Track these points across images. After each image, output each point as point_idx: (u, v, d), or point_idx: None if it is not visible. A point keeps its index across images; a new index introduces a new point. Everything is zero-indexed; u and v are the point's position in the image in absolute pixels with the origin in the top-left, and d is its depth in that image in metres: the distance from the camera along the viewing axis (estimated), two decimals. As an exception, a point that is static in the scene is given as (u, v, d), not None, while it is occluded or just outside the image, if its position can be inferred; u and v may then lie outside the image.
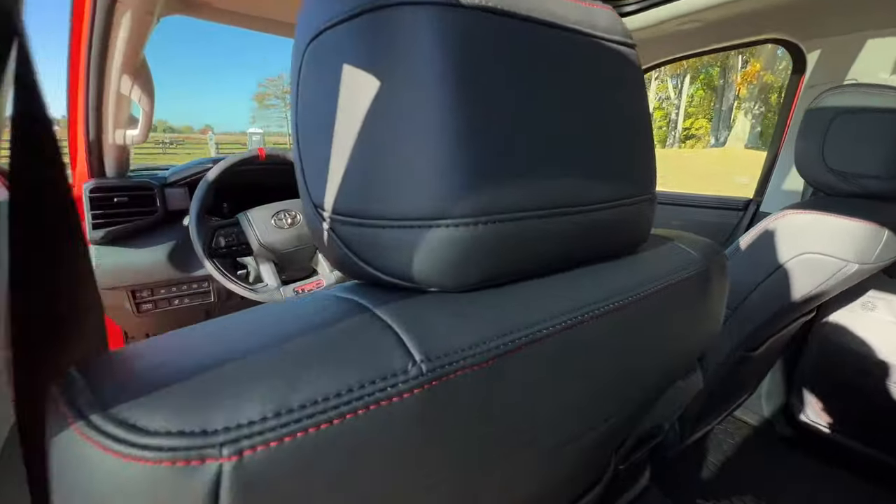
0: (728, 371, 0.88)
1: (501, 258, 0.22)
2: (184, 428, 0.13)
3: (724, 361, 0.86)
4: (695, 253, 0.35)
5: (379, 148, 0.20)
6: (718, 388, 0.93)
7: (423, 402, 0.17)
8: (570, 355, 0.23)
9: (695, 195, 1.52)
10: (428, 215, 0.21)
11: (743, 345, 0.84)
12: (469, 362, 0.18)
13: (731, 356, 0.85)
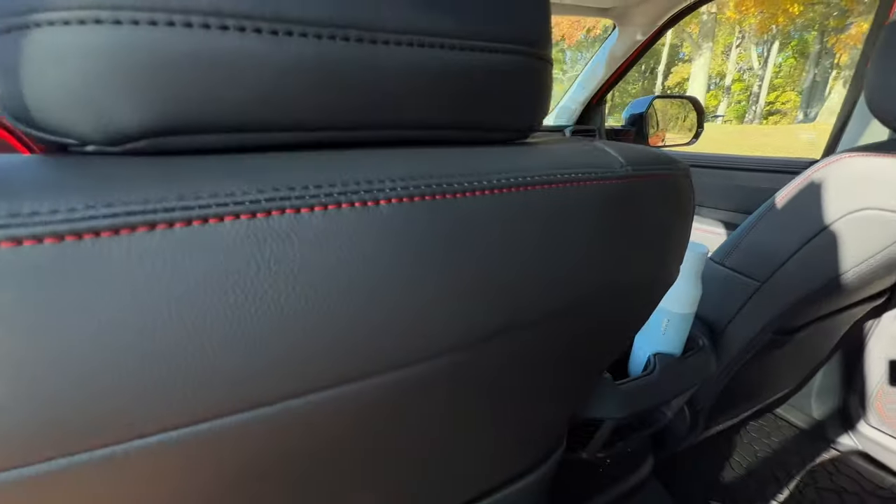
0: (755, 355, 0.74)
1: (190, 94, 0.14)
2: None
3: (749, 343, 0.71)
4: (621, 158, 0.24)
5: None
6: (744, 375, 0.79)
7: None
8: (435, 228, 0.15)
9: (750, 157, 1.31)
10: (31, 6, 0.13)
11: (773, 324, 0.69)
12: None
13: (758, 338, 0.71)
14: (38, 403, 0.12)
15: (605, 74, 1.54)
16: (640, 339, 0.66)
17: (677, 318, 0.61)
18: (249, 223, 0.14)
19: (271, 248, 0.14)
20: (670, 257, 0.29)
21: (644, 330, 0.65)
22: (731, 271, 0.72)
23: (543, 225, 0.20)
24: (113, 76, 0.14)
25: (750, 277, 0.69)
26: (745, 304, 0.70)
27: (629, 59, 1.48)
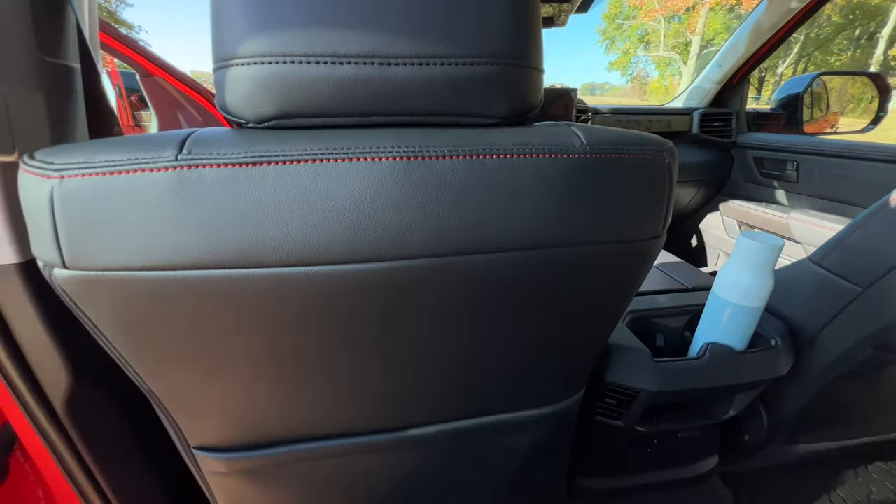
0: (853, 372, 0.67)
1: (291, 98, 0.27)
2: (50, 162, 0.25)
3: (843, 356, 0.65)
4: (583, 139, 0.31)
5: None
6: (842, 394, 0.71)
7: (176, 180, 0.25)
8: (415, 179, 0.27)
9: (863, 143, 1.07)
10: (226, 56, 0.27)
11: (875, 339, 0.61)
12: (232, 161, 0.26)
13: (854, 351, 0.64)
14: (216, 242, 0.27)
15: (748, 50, 1.37)
16: (700, 328, 0.66)
17: (740, 310, 0.60)
18: (315, 166, 0.26)
19: (328, 177, 0.26)
20: (646, 223, 0.34)
21: (705, 318, 0.65)
22: (828, 273, 0.65)
23: (500, 183, 0.28)
24: (261, 89, 0.28)
25: (849, 281, 0.62)
26: (842, 311, 0.64)
27: (780, 31, 1.28)
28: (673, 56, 27.41)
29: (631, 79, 35.24)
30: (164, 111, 1.44)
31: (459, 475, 0.54)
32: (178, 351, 0.33)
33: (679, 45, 27.27)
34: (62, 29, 0.37)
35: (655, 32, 29.55)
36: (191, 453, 0.44)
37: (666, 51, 28.39)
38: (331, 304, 0.30)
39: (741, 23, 1.39)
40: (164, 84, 1.38)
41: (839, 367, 0.66)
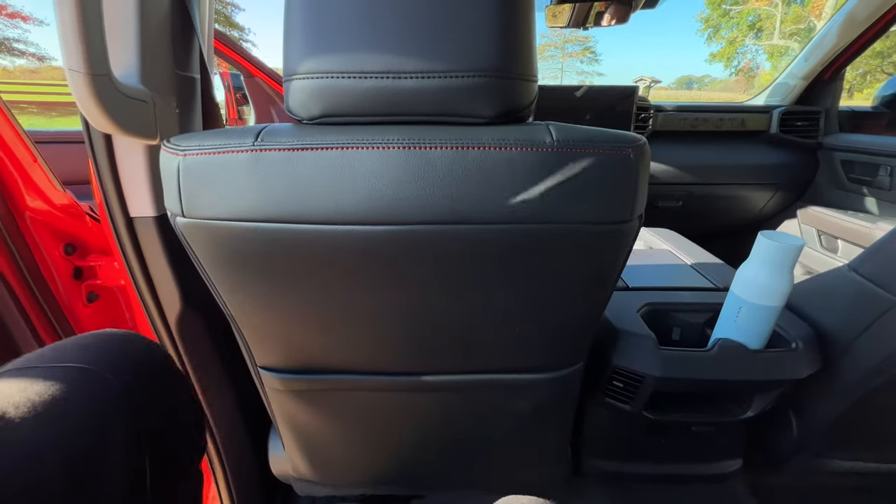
0: (890, 384, 0.64)
1: (331, 103, 0.38)
2: (179, 144, 0.38)
3: (878, 368, 0.63)
4: (554, 136, 0.38)
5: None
6: (881, 409, 0.68)
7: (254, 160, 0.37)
8: (413, 164, 0.36)
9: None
10: (291, 72, 0.39)
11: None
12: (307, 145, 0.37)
13: (890, 363, 0.61)
14: (275, 203, 0.38)
15: (840, 43, 1.25)
16: (717, 325, 0.68)
17: (753, 307, 0.61)
18: (342, 153, 0.37)
19: (350, 160, 0.37)
20: (612, 208, 0.39)
21: (722, 315, 0.66)
22: (864, 280, 0.63)
23: (478, 170, 0.36)
24: (311, 97, 0.39)
25: (886, 290, 0.60)
26: (877, 320, 0.61)
27: (880, 22, 1.16)
28: (790, 44, 24.16)
29: (736, 71, 31.73)
30: (260, 107, 1.69)
31: (465, 424, 0.63)
32: (249, 286, 0.45)
33: (799, 32, 23.95)
34: (189, 48, 0.52)
35: (770, 18, 26.25)
36: (257, 371, 0.58)
37: (782, 38, 25.11)
38: (352, 257, 0.41)
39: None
40: (262, 84, 1.63)
41: (874, 378, 0.64)
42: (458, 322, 0.49)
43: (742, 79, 31.67)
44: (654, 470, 0.83)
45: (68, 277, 0.61)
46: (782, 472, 0.80)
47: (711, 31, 29.05)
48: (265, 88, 1.63)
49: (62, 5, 0.34)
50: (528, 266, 0.43)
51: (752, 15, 26.28)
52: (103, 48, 0.38)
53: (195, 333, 0.62)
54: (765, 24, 26.33)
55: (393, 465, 0.69)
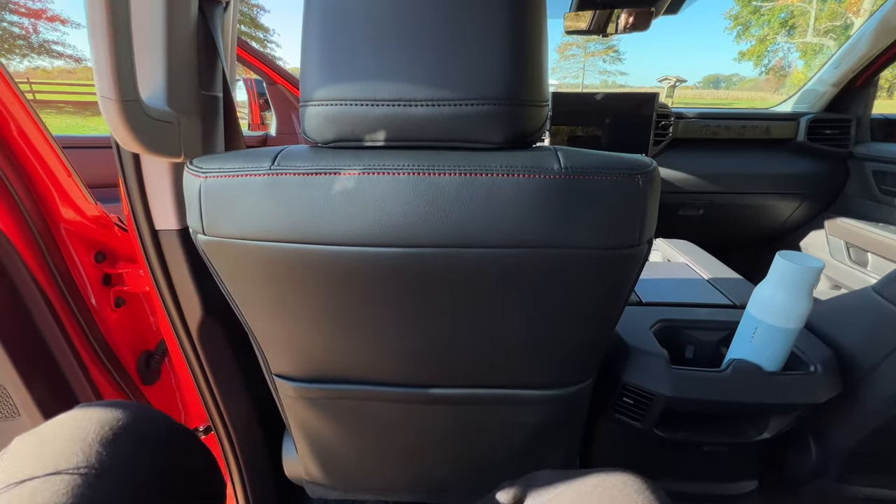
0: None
1: (345, 128, 0.40)
2: (200, 167, 0.40)
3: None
4: (562, 163, 0.38)
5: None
6: None
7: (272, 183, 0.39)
8: (422, 190, 0.37)
9: None
10: (307, 99, 0.40)
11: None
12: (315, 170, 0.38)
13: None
14: (291, 224, 0.40)
15: (873, 49, 1.20)
16: (733, 344, 0.66)
17: (769, 329, 0.60)
18: (354, 177, 0.38)
19: (362, 184, 0.38)
20: (619, 234, 0.39)
21: (737, 335, 0.65)
22: (888, 303, 0.61)
23: (486, 197, 0.37)
24: (326, 122, 0.40)
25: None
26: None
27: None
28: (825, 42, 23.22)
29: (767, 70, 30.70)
30: (281, 113, 1.73)
31: (474, 436, 0.63)
32: (265, 300, 0.47)
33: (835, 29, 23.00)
34: (213, 68, 0.54)
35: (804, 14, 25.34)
36: (272, 378, 0.60)
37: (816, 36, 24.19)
38: (361, 277, 0.42)
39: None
40: (283, 91, 1.67)
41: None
42: (466, 341, 0.50)
43: (773, 78, 30.62)
44: (665, 488, 0.81)
45: (98, 283, 0.64)
46: (799, 495, 0.78)
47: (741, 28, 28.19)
48: (286, 95, 1.68)
49: (96, 38, 0.36)
50: (536, 289, 0.43)
51: (784, 12, 25.37)
52: (133, 76, 0.40)
53: (214, 340, 0.64)
54: (798, 21, 25.39)
55: (402, 473, 0.70)
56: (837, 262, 1.38)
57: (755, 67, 30.55)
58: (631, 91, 1.41)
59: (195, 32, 0.50)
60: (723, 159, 1.44)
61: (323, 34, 0.39)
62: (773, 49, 28.72)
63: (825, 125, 1.37)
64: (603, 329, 0.51)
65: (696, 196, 1.45)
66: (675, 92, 21.89)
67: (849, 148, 1.37)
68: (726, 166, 1.44)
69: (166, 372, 0.77)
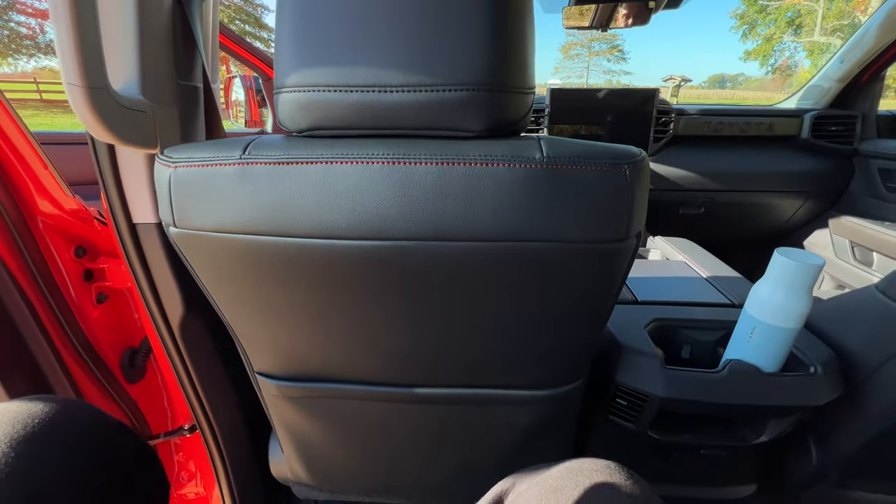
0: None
1: (318, 116, 0.38)
2: (171, 156, 0.39)
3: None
4: (545, 152, 0.36)
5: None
6: None
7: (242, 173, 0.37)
8: (396, 180, 0.36)
9: None
10: (280, 85, 0.38)
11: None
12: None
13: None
14: (262, 216, 0.38)
15: (879, 44, 1.17)
16: (730, 344, 0.64)
17: (768, 328, 0.58)
18: (326, 167, 0.36)
19: (335, 174, 0.36)
20: (606, 227, 0.37)
21: (734, 335, 0.63)
22: (892, 302, 0.58)
23: (463, 187, 0.35)
24: (299, 109, 0.38)
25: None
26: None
27: (924, 21, 1.08)
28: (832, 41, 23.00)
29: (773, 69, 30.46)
30: (278, 109, 1.71)
31: (461, 438, 0.61)
32: (242, 296, 0.46)
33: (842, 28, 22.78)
34: (191, 58, 0.53)
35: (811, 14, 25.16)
36: (255, 377, 0.58)
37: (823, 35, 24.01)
38: (337, 271, 0.40)
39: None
40: (278, 86, 1.65)
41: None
42: (449, 338, 0.48)
43: (779, 77, 30.38)
44: (662, 491, 0.79)
45: (79, 279, 0.62)
46: (799, 500, 0.76)
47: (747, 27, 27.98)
48: (283, 91, 1.66)
49: (58, 22, 0.35)
50: (519, 285, 0.41)
51: (791, 10, 25.16)
52: (100, 62, 0.39)
53: (197, 337, 0.63)
54: (805, 20, 25.19)
55: (389, 475, 0.68)
56: (842, 262, 1.36)
57: (761, 67, 30.33)
58: (632, 88, 1.38)
59: (170, 20, 0.48)
60: (725, 156, 1.42)
61: (296, 17, 0.37)
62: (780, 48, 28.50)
63: (830, 122, 1.34)
64: (592, 327, 0.49)
65: (698, 194, 1.42)
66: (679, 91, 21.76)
67: (854, 145, 1.34)
68: (728, 164, 1.41)
69: (152, 370, 0.75)
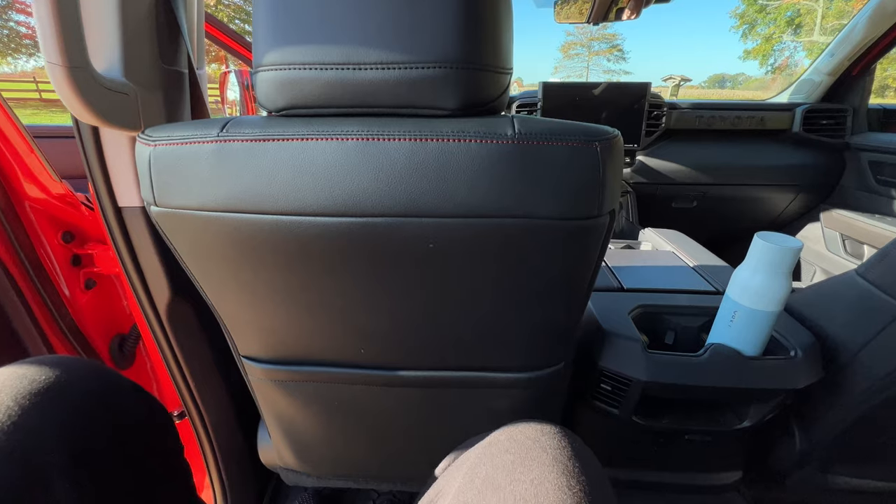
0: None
1: (295, 94, 0.38)
2: (151, 135, 0.39)
3: (885, 380, 0.59)
4: (517, 129, 0.36)
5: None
6: (889, 423, 0.64)
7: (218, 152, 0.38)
8: (370, 155, 0.36)
9: None
10: (258, 64, 0.39)
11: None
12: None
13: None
14: (239, 193, 0.39)
15: (868, 37, 1.18)
16: (712, 330, 0.65)
17: (748, 312, 0.58)
18: (302, 143, 0.37)
19: (310, 151, 0.37)
20: (578, 204, 0.38)
21: (717, 320, 0.64)
22: (871, 286, 0.59)
23: (436, 162, 0.36)
24: (275, 88, 0.39)
25: (893, 297, 0.56)
26: (884, 329, 0.58)
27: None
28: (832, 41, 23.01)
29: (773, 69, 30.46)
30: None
31: (445, 422, 0.62)
32: (224, 276, 0.46)
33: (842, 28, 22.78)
34: (175, 43, 0.53)
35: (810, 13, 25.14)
36: (241, 361, 0.59)
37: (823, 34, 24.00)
38: (314, 249, 0.41)
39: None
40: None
41: (882, 391, 0.60)
42: (428, 318, 0.48)
43: (778, 77, 30.38)
44: (647, 478, 0.80)
45: (67, 264, 0.63)
46: (783, 486, 0.76)
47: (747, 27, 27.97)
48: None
49: (38, 0, 0.35)
50: (490, 263, 0.42)
51: (790, 10, 25.15)
52: (81, 41, 0.39)
53: (185, 322, 0.64)
54: (804, 20, 25.18)
55: (374, 460, 0.69)
56: (833, 255, 1.36)
57: (761, 66, 30.33)
58: (624, 82, 1.39)
59: (153, 3, 0.49)
60: (717, 150, 1.42)
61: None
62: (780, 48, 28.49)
63: (821, 115, 1.35)
64: (571, 307, 0.49)
65: (690, 188, 1.43)
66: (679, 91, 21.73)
67: (845, 138, 1.35)
68: (720, 158, 1.42)
69: (141, 357, 0.76)
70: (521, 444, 0.37)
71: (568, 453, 0.35)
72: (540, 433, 0.37)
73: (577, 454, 0.35)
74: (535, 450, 0.35)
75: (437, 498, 0.40)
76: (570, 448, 0.36)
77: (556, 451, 0.35)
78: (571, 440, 0.37)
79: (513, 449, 0.36)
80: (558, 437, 0.37)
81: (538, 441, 0.36)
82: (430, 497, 0.42)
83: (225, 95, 1.81)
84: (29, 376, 0.40)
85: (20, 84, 18.48)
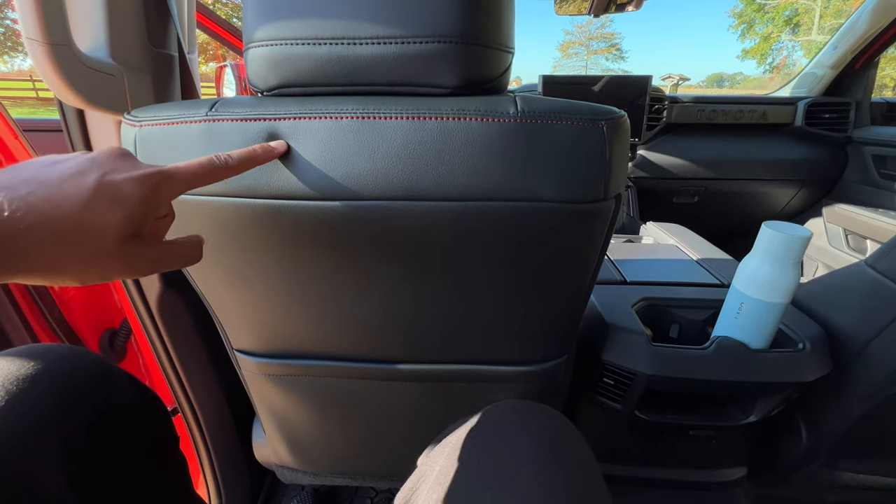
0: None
1: (287, 72, 0.37)
2: (136, 116, 0.37)
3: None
4: (520, 107, 0.35)
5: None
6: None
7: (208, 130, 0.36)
8: (366, 135, 0.35)
9: None
10: (248, 41, 0.37)
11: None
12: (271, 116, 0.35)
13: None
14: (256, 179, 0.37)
15: (871, 29, 1.16)
16: (718, 322, 0.63)
17: (755, 304, 0.57)
18: (294, 123, 0.35)
19: (303, 131, 0.35)
20: (581, 186, 0.36)
21: (722, 312, 0.62)
22: (882, 277, 0.58)
23: (434, 143, 0.34)
24: (266, 65, 0.37)
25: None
26: (894, 321, 0.56)
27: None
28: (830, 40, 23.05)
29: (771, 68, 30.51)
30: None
31: (444, 417, 0.60)
32: (214, 264, 0.44)
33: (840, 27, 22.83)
34: (164, 26, 0.52)
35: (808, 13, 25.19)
36: (234, 354, 0.57)
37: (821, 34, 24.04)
38: (307, 235, 0.39)
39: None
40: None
41: (891, 385, 0.59)
42: (425, 308, 0.47)
43: (776, 76, 30.42)
44: (650, 474, 0.79)
45: (54, 256, 0.61)
46: (789, 482, 0.75)
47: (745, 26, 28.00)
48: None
49: None
50: (490, 249, 0.40)
51: (789, 9, 25.19)
52: (62, 17, 0.37)
53: (176, 316, 0.62)
54: (802, 19, 25.23)
55: (372, 457, 0.67)
56: (835, 250, 1.35)
57: (759, 66, 30.38)
58: (625, 76, 1.38)
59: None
60: (718, 145, 1.41)
61: None
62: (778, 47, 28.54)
63: (823, 109, 1.33)
64: (573, 297, 0.48)
65: (691, 182, 1.42)
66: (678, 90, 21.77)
67: (848, 132, 1.33)
68: (722, 152, 1.40)
69: (133, 352, 0.74)
70: (502, 422, 0.36)
71: (548, 428, 0.35)
72: (523, 409, 0.37)
73: (558, 430, 0.35)
74: (516, 427, 0.35)
75: (419, 482, 0.39)
76: (551, 423, 0.35)
77: (537, 427, 0.35)
78: (551, 415, 0.37)
79: (492, 429, 0.36)
80: (540, 414, 0.37)
81: (521, 418, 0.36)
82: (412, 482, 0.41)
83: (221, 90, 1.79)
84: (17, 363, 0.39)
85: (17, 83, 18.39)
